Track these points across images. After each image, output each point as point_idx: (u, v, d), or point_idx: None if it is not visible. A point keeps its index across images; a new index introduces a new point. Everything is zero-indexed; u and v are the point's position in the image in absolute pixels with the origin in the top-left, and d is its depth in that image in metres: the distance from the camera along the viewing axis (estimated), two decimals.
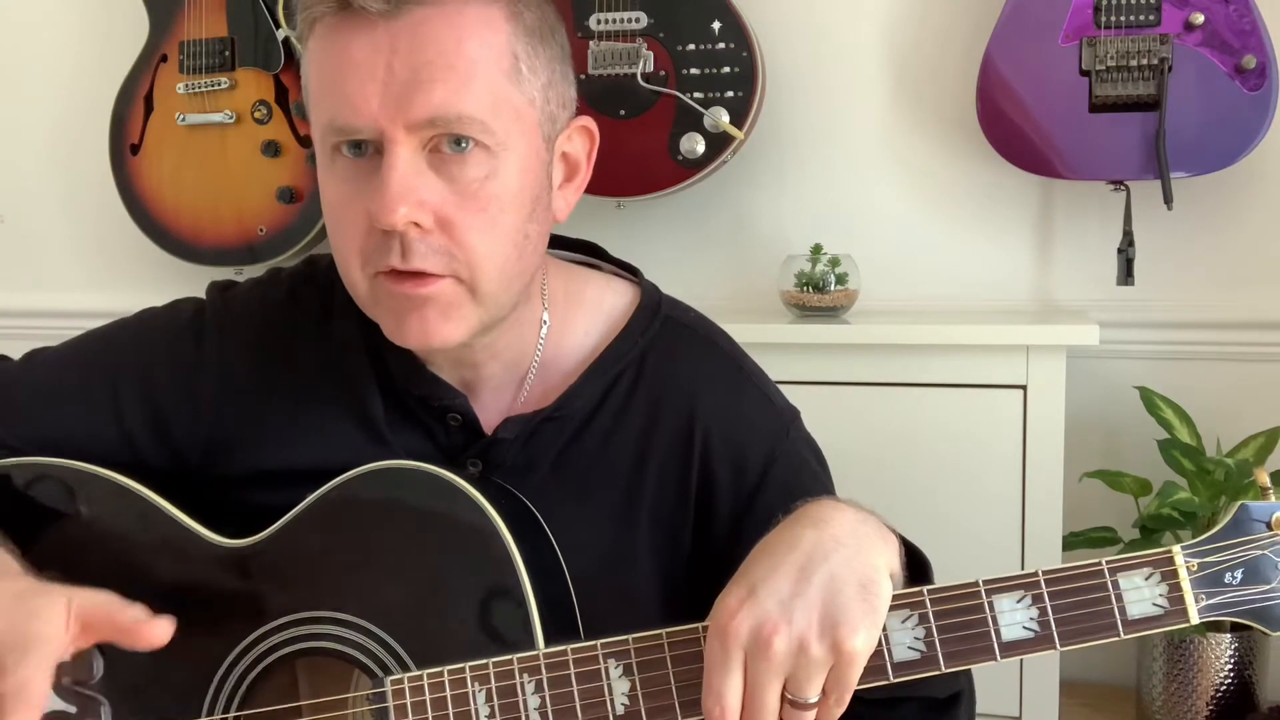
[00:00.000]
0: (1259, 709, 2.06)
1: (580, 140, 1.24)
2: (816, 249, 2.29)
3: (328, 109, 1.11)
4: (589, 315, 1.29)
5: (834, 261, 2.28)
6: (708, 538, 1.25)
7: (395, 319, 1.14)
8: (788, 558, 1.01)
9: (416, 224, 1.09)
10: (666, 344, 1.29)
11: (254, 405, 1.27)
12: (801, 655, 0.97)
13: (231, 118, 2.60)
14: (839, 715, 1.00)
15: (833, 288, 2.27)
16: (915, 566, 1.10)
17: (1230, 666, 2.04)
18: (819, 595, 0.98)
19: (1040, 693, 2.08)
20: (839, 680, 0.98)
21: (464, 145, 1.10)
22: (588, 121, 1.24)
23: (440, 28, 1.08)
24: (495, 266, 1.13)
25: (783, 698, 0.99)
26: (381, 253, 1.11)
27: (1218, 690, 2.05)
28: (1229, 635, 2.04)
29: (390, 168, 1.08)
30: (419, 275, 1.11)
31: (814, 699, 0.98)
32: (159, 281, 2.71)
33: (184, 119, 2.63)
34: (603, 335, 1.28)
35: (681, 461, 1.25)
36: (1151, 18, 2.13)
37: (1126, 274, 2.21)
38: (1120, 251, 2.22)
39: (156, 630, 1.08)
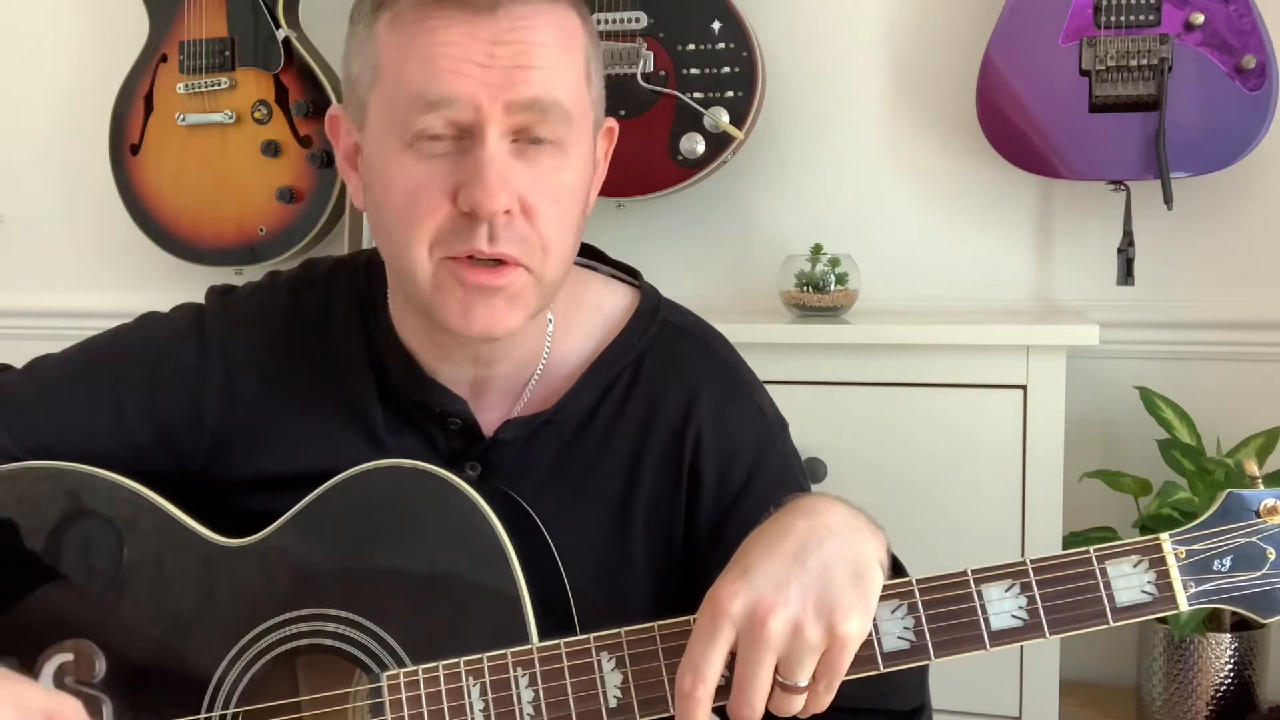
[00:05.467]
0: (1259, 709, 2.06)
1: (604, 140, 1.28)
2: (816, 249, 2.29)
3: (415, 85, 1.11)
4: (588, 319, 1.31)
5: (834, 261, 2.28)
6: (692, 539, 1.27)
7: (462, 307, 1.15)
8: (781, 544, 1.01)
9: (509, 209, 1.11)
10: (663, 347, 1.30)
11: (255, 411, 1.28)
12: (796, 637, 0.97)
13: (231, 118, 2.60)
14: (827, 703, 1.00)
15: (833, 288, 2.27)
16: (896, 571, 1.11)
17: (1230, 666, 2.04)
18: (814, 579, 0.99)
19: (1040, 692, 2.07)
20: (830, 665, 0.98)
21: (541, 141, 1.13)
22: (612, 123, 1.28)
23: (535, 24, 1.11)
24: (562, 256, 1.17)
25: (773, 681, 0.99)
26: (461, 237, 1.12)
27: (1218, 690, 2.04)
28: (1229, 635, 2.03)
29: (490, 153, 1.10)
30: (495, 264, 1.13)
31: (804, 683, 0.99)
32: (159, 281, 2.72)
33: (184, 119, 2.63)
34: (601, 339, 1.30)
35: (674, 463, 1.26)
36: (1151, 18, 2.13)
37: (1126, 274, 2.21)
38: (1120, 251, 2.21)
39: None
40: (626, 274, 1.37)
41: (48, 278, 3.02)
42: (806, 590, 0.98)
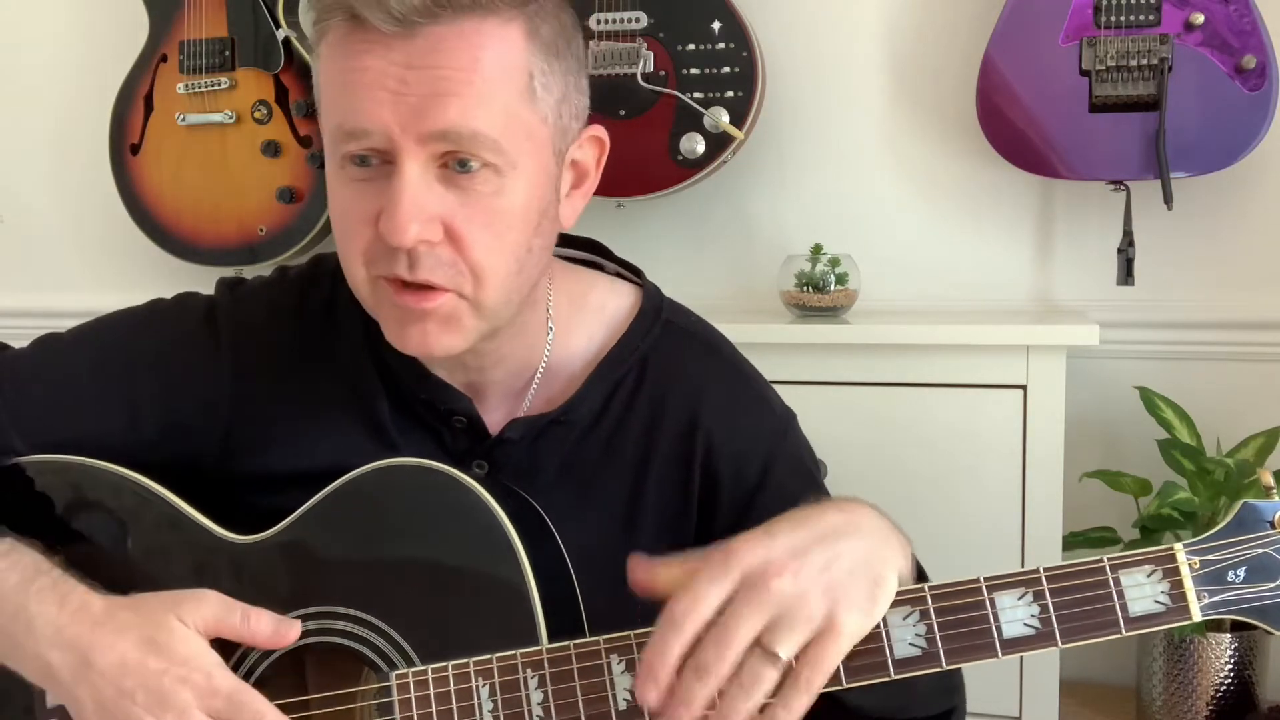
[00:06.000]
0: (1259, 709, 2.06)
1: (590, 148, 1.24)
2: (816, 249, 2.29)
3: (337, 113, 1.10)
4: (592, 320, 1.30)
5: (834, 261, 2.28)
6: (708, 538, 1.26)
7: (397, 325, 1.15)
8: (811, 524, 1.02)
9: (426, 239, 1.09)
10: (667, 348, 1.30)
11: (265, 409, 1.28)
12: (797, 605, 0.97)
13: (231, 118, 2.60)
14: (799, 708, 0.98)
15: (833, 288, 2.27)
16: (919, 579, 1.11)
17: (1230, 666, 2.04)
18: (832, 564, 0.99)
19: (1040, 693, 2.08)
20: (816, 654, 0.97)
21: (471, 167, 1.09)
22: (599, 131, 1.23)
23: (456, 45, 1.07)
24: (498, 282, 1.13)
25: (751, 653, 0.98)
26: (387, 261, 1.11)
27: (1218, 690, 2.05)
28: (1229, 635, 2.04)
29: (402, 184, 1.07)
30: (422, 288, 1.11)
31: (785, 655, 0.97)
32: (159, 281, 2.70)
33: (184, 119, 2.63)
34: (605, 340, 1.29)
35: (684, 463, 1.27)
36: (1151, 18, 2.14)
37: (1126, 274, 2.21)
38: (1120, 251, 2.22)
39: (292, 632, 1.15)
40: (631, 273, 1.37)
41: (48, 278, 3.02)
42: (822, 570, 0.98)
